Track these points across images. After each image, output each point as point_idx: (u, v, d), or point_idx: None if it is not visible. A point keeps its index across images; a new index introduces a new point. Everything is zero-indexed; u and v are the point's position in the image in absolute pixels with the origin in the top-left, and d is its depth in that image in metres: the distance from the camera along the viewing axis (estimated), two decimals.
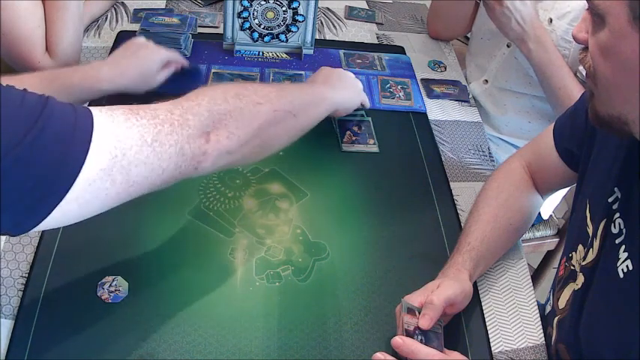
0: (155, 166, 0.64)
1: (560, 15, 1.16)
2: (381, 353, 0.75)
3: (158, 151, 0.63)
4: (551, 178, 0.95)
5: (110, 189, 0.61)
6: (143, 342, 0.79)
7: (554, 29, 1.17)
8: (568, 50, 1.16)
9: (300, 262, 0.91)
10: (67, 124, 0.57)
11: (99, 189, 0.59)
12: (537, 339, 0.87)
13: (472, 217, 0.92)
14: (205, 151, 0.69)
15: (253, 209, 0.98)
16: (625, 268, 0.69)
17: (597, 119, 0.66)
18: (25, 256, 0.87)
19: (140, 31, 1.23)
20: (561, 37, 1.16)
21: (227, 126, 0.71)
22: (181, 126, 0.66)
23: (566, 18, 1.15)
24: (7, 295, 0.82)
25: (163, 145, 0.63)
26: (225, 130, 0.71)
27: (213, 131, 0.69)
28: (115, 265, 0.87)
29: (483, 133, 1.20)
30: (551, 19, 1.17)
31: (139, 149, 0.61)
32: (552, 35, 1.16)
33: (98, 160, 0.58)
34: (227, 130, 0.71)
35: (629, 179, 0.71)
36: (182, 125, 0.66)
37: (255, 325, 0.82)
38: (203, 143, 0.68)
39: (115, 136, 0.60)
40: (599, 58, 0.61)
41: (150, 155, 0.62)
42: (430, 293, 0.78)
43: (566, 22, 1.15)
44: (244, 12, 1.25)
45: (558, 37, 1.16)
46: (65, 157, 0.56)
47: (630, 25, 0.56)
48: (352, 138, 1.11)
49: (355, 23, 1.47)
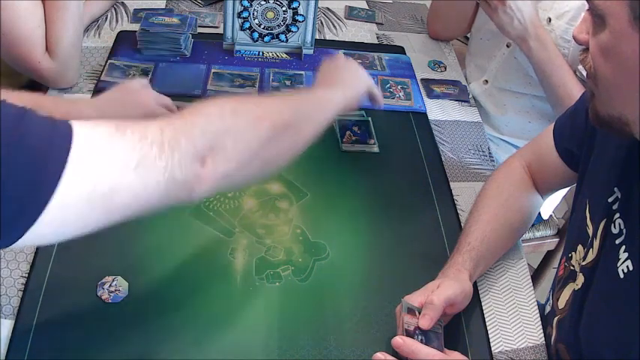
0: (139, 193, 0.57)
1: (559, 14, 1.16)
2: (382, 353, 0.75)
3: (143, 177, 0.56)
4: (551, 178, 0.95)
5: (88, 215, 0.55)
6: (143, 342, 0.79)
7: (553, 29, 1.17)
8: (567, 49, 1.16)
9: (300, 262, 0.91)
10: (44, 140, 0.52)
11: (75, 214, 0.54)
12: (537, 339, 0.87)
13: (472, 217, 0.92)
14: (200, 176, 0.61)
15: (253, 209, 0.98)
16: (625, 268, 0.68)
17: (598, 120, 0.66)
18: (25, 256, 0.87)
19: (140, 31, 1.23)
20: (560, 37, 1.16)
21: (224, 148, 0.64)
22: (172, 149, 0.58)
23: (565, 17, 1.16)
24: (7, 295, 0.82)
25: (149, 170, 0.56)
26: (222, 153, 0.63)
27: (210, 154, 0.62)
28: (115, 265, 0.87)
29: (483, 133, 1.20)
30: (550, 18, 1.17)
31: (121, 174, 0.55)
32: (551, 35, 1.17)
33: (74, 184, 0.52)
34: (224, 152, 0.64)
35: (629, 179, 0.71)
36: (173, 148, 0.58)
37: (255, 325, 0.82)
38: (198, 168, 0.61)
39: (94, 159, 0.54)
40: (599, 59, 0.61)
41: (133, 182, 0.56)
42: (430, 293, 0.78)
43: (564, 22, 1.16)
44: (244, 12, 1.25)
45: (557, 36, 1.16)
46: (39, 178, 0.51)
47: (631, 25, 0.56)
48: (352, 138, 1.11)
49: (355, 23, 1.47)
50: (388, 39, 1.43)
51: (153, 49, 1.24)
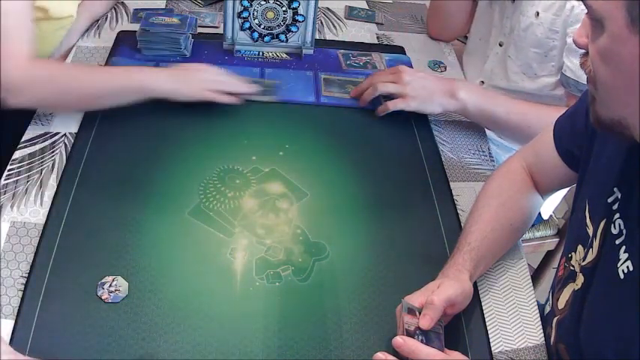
0: None
1: (546, 7, 1.18)
2: (382, 353, 0.75)
3: None
4: (551, 179, 0.95)
5: None
6: (143, 342, 0.79)
7: (541, 22, 1.19)
8: (555, 41, 1.18)
9: (300, 262, 0.91)
10: None
11: None
12: (537, 339, 0.87)
13: (472, 217, 0.92)
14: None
15: (253, 209, 0.98)
16: (625, 268, 0.68)
17: (599, 123, 0.66)
18: (25, 256, 0.87)
19: (140, 31, 1.23)
20: (548, 29, 1.18)
21: None
22: None
23: (552, 9, 1.17)
24: (7, 295, 0.82)
25: None
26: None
27: None
28: (115, 265, 0.87)
29: (483, 133, 1.20)
30: (538, 12, 1.19)
31: None
32: (540, 28, 1.19)
33: None
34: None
35: (629, 180, 0.71)
36: None
37: (255, 325, 0.82)
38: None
39: None
40: (599, 63, 0.61)
41: None
42: (430, 293, 0.78)
43: (551, 13, 1.17)
44: (244, 12, 1.25)
45: (546, 28, 1.18)
46: None
47: (629, 28, 0.56)
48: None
49: (355, 23, 1.47)
50: (388, 39, 1.43)
51: (153, 49, 1.24)
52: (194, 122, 1.11)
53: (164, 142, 1.07)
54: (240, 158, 1.06)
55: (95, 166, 1.01)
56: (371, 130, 1.16)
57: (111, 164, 1.02)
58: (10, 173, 0.99)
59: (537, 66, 1.24)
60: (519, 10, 1.23)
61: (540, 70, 1.24)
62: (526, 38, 1.22)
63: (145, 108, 1.07)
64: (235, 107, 1.13)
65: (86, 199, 0.95)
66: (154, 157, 1.04)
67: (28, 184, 0.97)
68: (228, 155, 1.06)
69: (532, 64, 1.24)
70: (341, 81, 1.26)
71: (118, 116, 1.08)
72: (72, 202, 0.94)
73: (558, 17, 1.16)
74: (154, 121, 1.11)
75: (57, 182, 0.98)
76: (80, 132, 1.07)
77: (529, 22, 1.20)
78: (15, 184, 0.97)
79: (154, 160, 1.04)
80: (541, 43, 1.20)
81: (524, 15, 1.21)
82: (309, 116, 1.17)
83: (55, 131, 1.07)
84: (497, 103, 1.13)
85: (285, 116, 1.16)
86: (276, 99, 1.19)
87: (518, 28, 1.23)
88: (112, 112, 1.06)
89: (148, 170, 1.02)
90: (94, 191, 0.97)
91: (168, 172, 1.02)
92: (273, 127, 1.13)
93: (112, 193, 0.97)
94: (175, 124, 1.11)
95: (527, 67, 1.25)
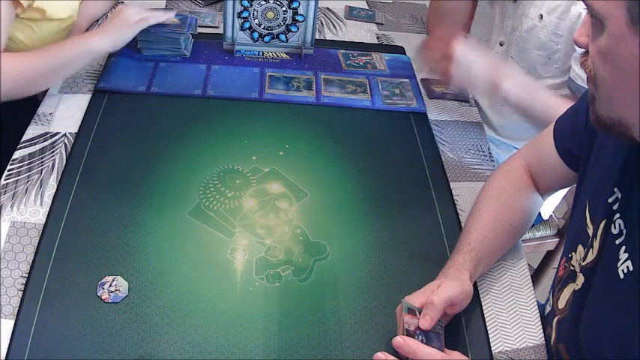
0: None
1: (550, 10, 1.18)
2: (382, 353, 0.75)
3: None
4: (552, 179, 0.95)
5: None
6: (143, 342, 0.79)
7: (545, 25, 1.18)
8: (559, 44, 1.18)
9: (300, 262, 0.91)
10: None
11: None
12: (537, 339, 0.87)
13: (472, 217, 0.92)
14: None
15: (253, 209, 0.98)
16: (625, 268, 0.68)
17: (599, 123, 0.66)
18: (25, 256, 0.87)
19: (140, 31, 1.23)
20: (552, 32, 1.18)
21: None
22: None
23: (556, 12, 1.17)
24: (7, 295, 0.82)
25: None
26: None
27: None
28: (115, 265, 0.87)
29: (483, 133, 1.20)
30: (542, 15, 1.19)
31: None
32: (543, 31, 1.18)
33: None
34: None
35: (629, 180, 0.71)
36: None
37: (255, 325, 0.82)
38: None
39: None
40: (599, 62, 0.61)
41: None
42: (430, 293, 0.78)
43: (555, 17, 1.17)
44: (244, 12, 1.25)
45: (550, 32, 1.18)
46: None
47: (629, 28, 0.56)
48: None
49: (355, 23, 1.47)
50: (388, 39, 1.43)
51: (153, 49, 1.24)
52: (194, 122, 1.11)
53: (164, 142, 1.07)
54: (240, 158, 1.06)
55: (95, 166, 1.01)
56: (371, 130, 1.16)
57: (111, 164, 1.02)
58: (10, 173, 0.99)
59: (541, 68, 1.24)
60: (521, 10, 1.23)
61: (544, 72, 1.24)
62: (529, 40, 1.22)
63: (146, 108, 1.07)
64: (235, 107, 1.13)
65: (86, 199, 0.95)
66: (153, 157, 1.04)
67: (28, 184, 0.98)
68: (228, 155, 1.06)
69: (536, 65, 1.24)
70: (341, 81, 1.26)
71: (118, 116, 1.08)
72: (72, 202, 0.94)
73: (562, 21, 1.16)
74: (154, 121, 1.11)
75: (57, 182, 0.98)
76: (80, 132, 1.07)
77: (532, 24, 1.20)
78: (15, 184, 0.97)
79: (154, 160, 1.04)
80: (545, 45, 1.20)
81: (527, 16, 1.21)
82: (309, 116, 1.17)
83: (55, 131, 1.07)
84: (538, 98, 1.10)
85: (285, 116, 1.16)
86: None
87: (520, 29, 1.23)
88: (112, 112, 1.06)
89: (148, 170, 1.02)
90: (94, 191, 0.97)
91: (168, 172, 1.02)
92: (273, 127, 1.13)
93: (112, 193, 0.97)
94: (175, 124, 1.11)
95: (530, 69, 1.25)
